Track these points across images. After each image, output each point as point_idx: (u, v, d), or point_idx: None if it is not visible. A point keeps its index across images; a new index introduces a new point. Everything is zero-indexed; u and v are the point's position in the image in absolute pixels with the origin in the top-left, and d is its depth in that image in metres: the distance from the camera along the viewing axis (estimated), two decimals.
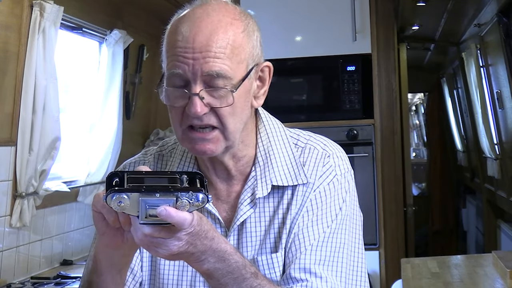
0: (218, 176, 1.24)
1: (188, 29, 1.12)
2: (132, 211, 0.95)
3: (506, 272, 2.41)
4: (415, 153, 10.13)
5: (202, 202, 0.96)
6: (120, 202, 0.94)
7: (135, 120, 3.92)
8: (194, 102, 1.11)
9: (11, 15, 2.60)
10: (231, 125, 1.14)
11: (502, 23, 3.56)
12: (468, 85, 5.12)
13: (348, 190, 1.24)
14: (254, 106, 1.21)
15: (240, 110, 1.16)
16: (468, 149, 6.29)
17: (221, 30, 1.12)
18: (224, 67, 1.11)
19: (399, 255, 3.59)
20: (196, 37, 1.11)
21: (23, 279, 2.78)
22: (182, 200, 0.95)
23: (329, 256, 1.18)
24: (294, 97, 3.67)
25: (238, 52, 1.13)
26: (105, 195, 0.95)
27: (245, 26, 1.16)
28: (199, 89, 1.11)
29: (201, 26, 1.12)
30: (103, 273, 1.11)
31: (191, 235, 0.98)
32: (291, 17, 3.60)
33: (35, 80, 2.69)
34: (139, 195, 0.94)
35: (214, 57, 1.10)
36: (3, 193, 2.65)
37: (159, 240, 0.97)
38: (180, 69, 1.11)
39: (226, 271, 1.05)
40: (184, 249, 0.99)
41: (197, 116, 1.11)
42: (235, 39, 1.13)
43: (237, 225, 1.21)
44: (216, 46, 1.11)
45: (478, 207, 6.15)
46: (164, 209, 0.93)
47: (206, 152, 1.15)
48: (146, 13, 3.90)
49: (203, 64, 1.10)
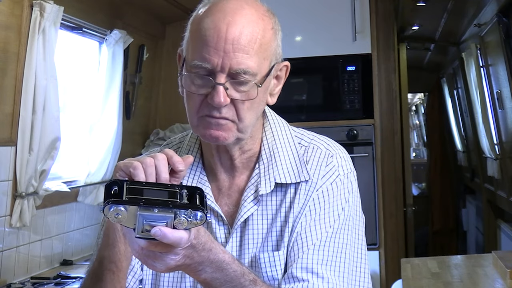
0: (222, 165, 1.24)
1: (221, 18, 1.12)
2: (129, 224, 0.94)
3: (506, 272, 2.41)
4: (415, 153, 10.14)
5: (201, 221, 0.95)
6: (117, 214, 0.92)
7: (135, 120, 3.92)
8: (218, 92, 1.11)
9: (11, 15, 2.59)
10: (247, 119, 1.15)
11: (502, 23, 3.56)
12: (468, 85, 5.12)
13: (351, 190, 1.24)
14: (268, 103, 1.23)
15: (257, 105, 1.17)
16: (468, 149, 6.29)
17: (253, 24, 1.13)
18: (251, 65, 1.12)
19: (399, 255, 3.59)
20: (229, 27, 1.11)
21: (23, 279, 2.78)
22: (180, 218, 0.94)
23: (331, 256, 1.18)
24: (294, 97, 3.67)
25: (265, 48, 1.15)
26: (102, 205, 0.93)
27: (273, 24, 1.18)
28: (224, 79, 1.11)
29: (235, 17, 1.12)
30: (116, 244, 1.11)
31: (187, 249, 0.97)
32: (291, 17, 3.60)
33: (35, 80, 2.68)
34: (137, 209, 0.93)
35: (243, 51, 1.11)
36: (3, 193, 2.65)
37: (155, 254, 0.96)
38: (210, 59, 1.11)
39: (224, 280, 1.05)
40: (181, 262, 0.98)
41: (219, 106, 1.12)
42: (265, 34, 1.15)
43: (240, 222, 1.21)
44: (247, 39, 1.11)
45: (478, 207, 6.15)
46: (159, 230, 0.92)
47: (219, 138, 1.15)
48: (146, 13, 3.90)
49: (233, 59, 1.10)
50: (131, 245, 0.98)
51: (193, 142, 1.29)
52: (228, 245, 1.21)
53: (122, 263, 1.12)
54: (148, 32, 3.98)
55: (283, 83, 1.25)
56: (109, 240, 1.12)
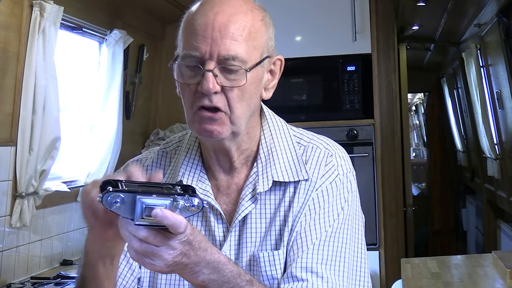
0: (221, 166, 1.25)
1: (209, 8, 1.15)
2: (127, 213, 0.94)
3: (506, 272, 2.41)
4: (415, 153, 10.14)
5: (197, 208, 0.96)
6: (116, 202, 0.93)
7: (135, 120, 3.92)
8: (207, 78, 1.12)
9: (11, 15, 2.60)
10: (238, 109, 1.16)
11: (502, 23, 3.56)
12: (468, 85, 5.12)
13: (350, 190, 1.24)
14: (263, 97, 1.23)
15: (249, 96, 1.17)
16: (468, 149, 6.29)
17: (241, 14, 1.15)
18: (240, 51, 1.13)
19: (399, 255, 3.59)
20: (217, 16, 1.13)
21: (23, 279, 2.78)
22: (178, 202, 0.95)
23: (331, 256, 1.18)
24: (294, 97, 3.67)
25: (255, 37, 1.16)
26: (100, 195, 0.93)
27: (264, 17, 1.20)
28: (213, 66, 1.12)
29: (223, 6, 1.15)
30: (95, 265, 1.11)
31: (185, 244, 0.98)
32: (291, 17, 3.60)
33: (35, 80, 2.68)
34: (136, 195, 0.93)
35: (231, 38, 1.12)
36: (3, 193, 2.65)
37: (153, 249, 0.96)
38: (199, 47, 1.13)
39: (221, 281, 1.05)
40: (179, 259, 0.98)
41: (208, 93, 1.12)
42: (254, 24, 1.16)
43: (238, 220, 1.21)
44: (235, 27, 1.13)
45: (478, 207, 6.15)
46: (160, 211, 0.93)
47: (213, 133, 1.16)
48: (146, 13, 3.90)
49: (221, 45, 1.12)
50: (129, 246, 0.97)
51: (192, 141, 1.29)
52: (226, 243, 1.21)
53: (103, 283, 1.12)
54: (148, 32, 3.98)
55: (278, 78, 1.25)
56: (88, 259, 1.11)
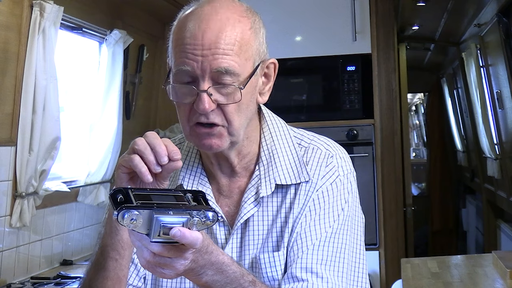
0: (222, 172, 1.24)
1: (196, 26, 1.12)
2: (143, 229, 0.92)
3: (506, 272, 2.41)
4: (415, 153, 10.14)
5: (213, 221, 0.96)
6: (133, 220, 0.90)
7: (135, 120, 3.92)
8: (202, 99, 1.11)
9: (11, 15, 2.59)
10: (236, 122, 1.15)
11: (502, 23, 3.56)
12: (468, 85, 5.12)
13: (350, 191, 1.24)
14: (259, 102, 1.22)
15: (246, 106, 1.17)
16: (468, 149, 6.28)
17: (229, 27, 1.13)
18: (233, 63, 1.12)
19: (399, 255, 3.59)
20: (205, 34, 1.11)
21: (23, 279, 2.77)
22: (194, 219, 0.94)
23: (331, 256, 1.18)
24: (294, 97, 3.67)
25: (246, 49, 1.14)
26: (116, 212, 0.91)
27: (252, 23, 1.17)
28: (207, 85, 1.11)
29: (209, 23, 1.12)
30: (118, 233, 1.10)
31: (195, 253, 0.98)
32: (291, 17, 3.60)
33: (35, 80, 2.68)
34: (152, 212, 0.91)
35: (222, 53, 1.11)
36: (3, 193, 2.65)
37: (166, 260, 0.96)
38: (189, 66, 1.11)
39: (224, 282, 1.05)
40: (189, 267, 0.98)
41: (204, 113, 1.12)
42: (243, 36, 1.14)
43: (240, 223, 1.21)
44: (224, 43, 1.11)
45: (478, 207, 6.15)
46: (178, 231, 0.92)
47: (213, 147, 1.16)
48: (146, 13, 3.90)
49: (212, 61, 1.11)
50: (140, 255, 0.96)
51: (192, 145, 1.28)
52: (228, 246, 1.21)
53: (125, 251, 1.12)
54: (148, 32, 3.98)
55: (274, 80, 1.24)
56: (111, 228, 1.11)
